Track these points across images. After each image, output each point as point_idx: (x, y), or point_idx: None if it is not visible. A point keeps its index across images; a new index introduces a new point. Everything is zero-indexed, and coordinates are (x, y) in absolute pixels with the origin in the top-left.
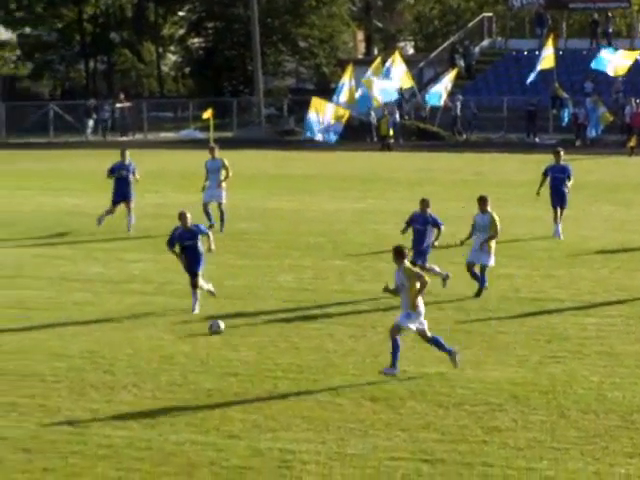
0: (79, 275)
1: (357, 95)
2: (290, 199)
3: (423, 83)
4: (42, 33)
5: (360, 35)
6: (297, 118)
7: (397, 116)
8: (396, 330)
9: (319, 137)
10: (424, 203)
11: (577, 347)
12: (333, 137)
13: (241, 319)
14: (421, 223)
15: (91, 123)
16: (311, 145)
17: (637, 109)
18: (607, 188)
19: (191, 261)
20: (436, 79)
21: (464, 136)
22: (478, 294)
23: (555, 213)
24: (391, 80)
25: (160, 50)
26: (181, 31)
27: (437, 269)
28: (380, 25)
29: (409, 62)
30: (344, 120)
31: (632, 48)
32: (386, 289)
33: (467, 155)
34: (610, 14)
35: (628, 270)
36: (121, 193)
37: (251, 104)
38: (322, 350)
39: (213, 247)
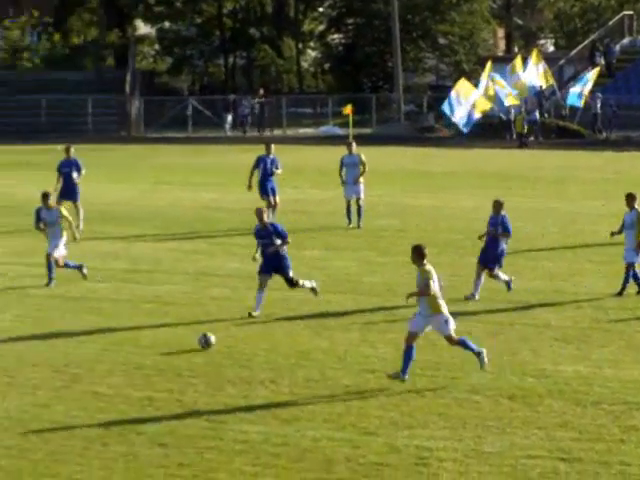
0: (217, 270)
1: (496, 92)
2: (429, 196)
3: (563, 81)
4: (181, 28)
5: (500, 32)
6: (437, 115)
7: (537, 114)
8: (411, 337)
9: (455, 118)
10: (498, 205)
11: None
12: (466, 127)
13: (379, 316)
14: (493, 225)
15: (230, 118)
16: (450, 142)
17: None
18: None
19: (270, 260)
20: (576, 77)
21: (604, 134)
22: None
23: None
24: (526, 78)
25: (300, 46)
26: (321, 27)
27: (503, 276)
28: (520, 22)
29: (549, 60)
30: (482, 113)
31: None
32: (410, 295)
33: (607, 153)
34: None
35: None
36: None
37: (390, 100)
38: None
39: (272, 249)
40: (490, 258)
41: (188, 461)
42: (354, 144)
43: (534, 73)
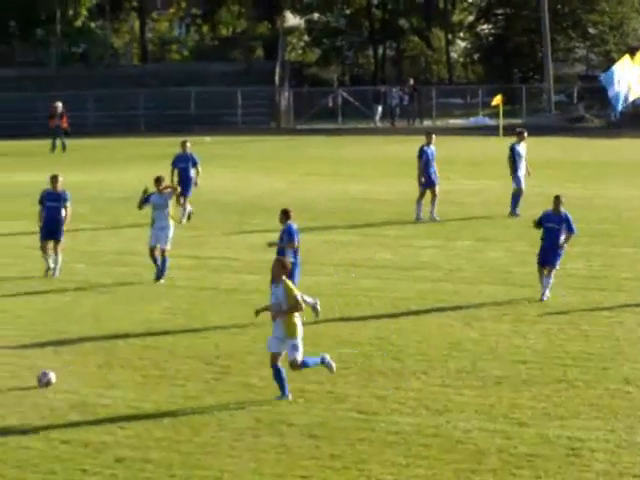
0: (368, 261)
1: None
2: (579, 186)
3: None
4: (330, 19)
5: None
6: (587, 105)
7: None
8: (274, 358)
9: (612, 92)
10: (558, 200)
11: None
12: (620, 106)
13: (530, 306)
14: (556, 222)
15: (380, 109)
16: (600, 132)
17: None
18: None
19: None
20: None
21: None
22: None
23: None
24: None
25: (449, 36)
26: (470, 17)
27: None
28: None
29: None
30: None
31: None
32: (259, 310)
33: None
34: None
35: None
36: None
37: (540, 91)
38: (612, 338)
39: None
40: (549, 255)
41: (339, 452)
42: (525, 133)
43: None
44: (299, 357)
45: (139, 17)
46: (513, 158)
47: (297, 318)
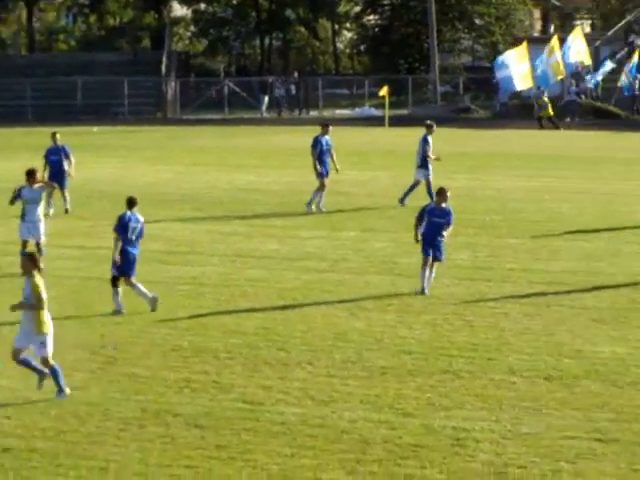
0: (254, 252)
1: (537, 72)
2: (465, 177)
3: (600, 61)
4: (217, 9)
5: (536, 13)
6: (473, 96)
7: (574, 95)
8: (15, 353)
9: (500, 75)
10: (444, 194)
11: None
12: (514, 86)
13: (416, 297)
14: (440, 216)
15: (266, 100)
16: (486, 123)
17: None
18: None
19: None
20: (612, 57)
21: None
22: None
23: None
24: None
25: (336, 27)
26: (357, 8)
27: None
28: (557, 3)
29: (585, 41)
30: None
31: None
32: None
33: None
34: None
35: None
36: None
37: (426, 82)
38: (497, 328)
39: None
40: (431, 247)
41: (225, 443)
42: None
43: (575, 50)
44: (48, 354)
45: (26, 6)
46: (423, 149)
47: (47, 315)
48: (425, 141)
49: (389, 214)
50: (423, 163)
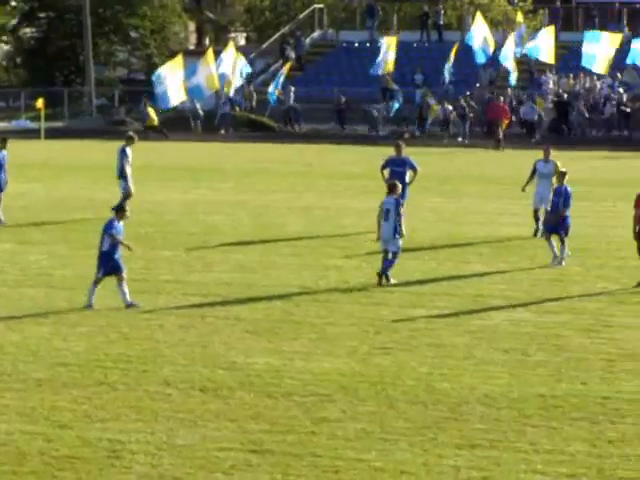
0: None
1: (192, 84)
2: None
3: (254, 74)
4: None
5: (192, 26)
6: (128, 108)
7: (227, 107)
8: None
9: (158, 90)
10: (122, 212)
11: (406, 338)
12: (169, 101)
13: (71, 309)
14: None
15: None
16: (145, 135)
17: (500, 102)
18: (437, 179)
19: None
20: (267, 70)
21: (296, 127)
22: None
23: None
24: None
25: None
26: (13, 21)
27: None
28: (211, 16)
29: (240, 54)
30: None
31: (462, 41)
32: None
33: (297, 146)
34: (441, 6)
35: (457, 262)
36: None
37: (82, 94)
38: (152, 340)
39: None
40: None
41: None
42: None
43: (229, 65)
44: None
45: None
46: (122, 163)
47: None
48: (123, 152)
49: (45, 227)
50: (122, 175)
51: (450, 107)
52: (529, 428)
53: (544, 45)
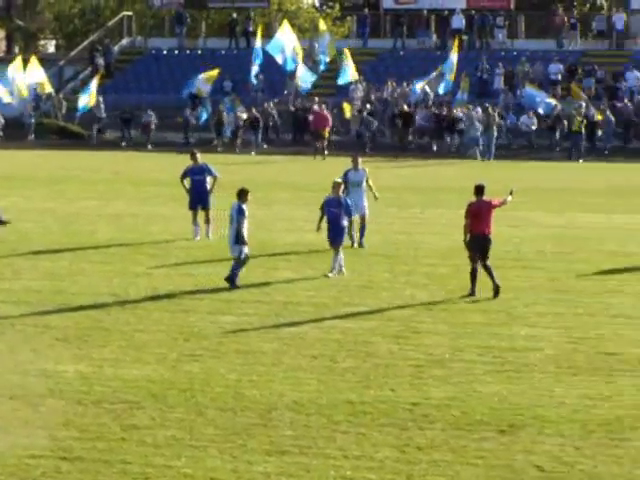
0: None
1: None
2: None
3: (64, 81)
4: None
5: (1, 33)
6: None
7: (35, 115)
8: None
9: None
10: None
11: (215, 345)
12: None
13: None
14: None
15: None
16: None
17: (320, 110)
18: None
19: None
20: (76, 78)
21: (104, 135)
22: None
23: (194, 216)
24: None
25: None
26: None
27: None
28: (21, 23)
29: (49, 61)
30: None
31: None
32: None
33: (106, 154)
34: (250, 13)
35: (266, 269)
36: None
37: None
38: None
39: None
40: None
41: None
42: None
43: (35, 77)
44: None
45: None
46: None
47: None
48: None
49: None
50: None
51: (257, 114)
52: (338, 434)
53: (348, 68)
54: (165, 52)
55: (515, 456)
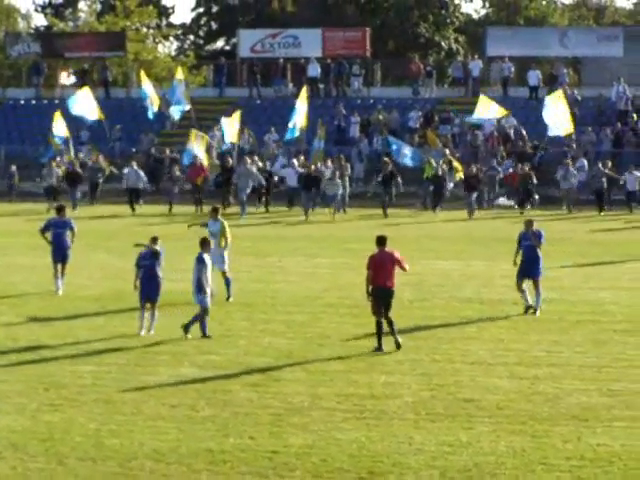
0: None
1: None
2: None
3: None
4: None
5: None
6: None
7: None
8: None
9: None
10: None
11: (74, 395)
12: None
13: None
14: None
15: None
16: None
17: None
18: (104, 236)
19: None
20: None
21: None
22: None
23: (56, 269)
24: None
25: None
26: None
27: None
28: None
29: None
30: None
31: (129, 96)
32: None
33: None
34: (107, 63)
35: (125, 318)
36: None
37: None
38: None
39: None
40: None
41: None
42: None
43: None
44: None
45: None
46: None
47: None
48: None
49: None
50: None
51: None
52: None
53: (230, 130)
54: (22, 102)
55: None
